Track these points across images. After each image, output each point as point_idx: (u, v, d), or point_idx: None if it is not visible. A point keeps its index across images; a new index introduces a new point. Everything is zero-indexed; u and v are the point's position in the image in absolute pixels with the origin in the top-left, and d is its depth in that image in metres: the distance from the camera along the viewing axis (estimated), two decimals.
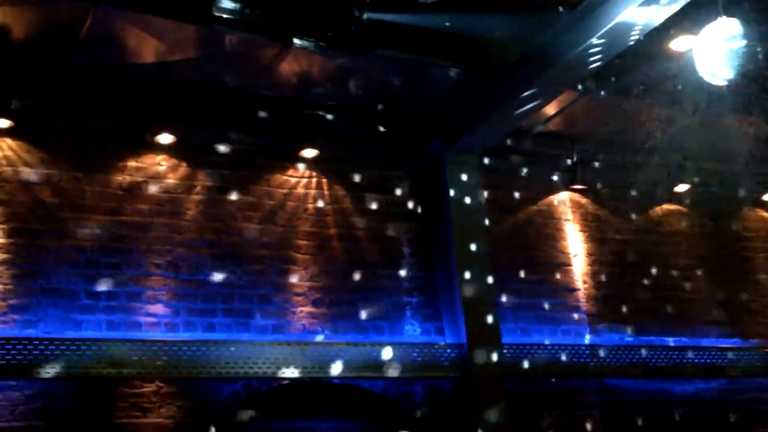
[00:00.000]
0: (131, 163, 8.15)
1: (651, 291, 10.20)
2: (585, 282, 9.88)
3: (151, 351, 7.36)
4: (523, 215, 9.87)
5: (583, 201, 10.25)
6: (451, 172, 8.97)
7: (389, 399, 8.48)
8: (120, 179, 8.08)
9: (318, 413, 8.16)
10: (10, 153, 7.72)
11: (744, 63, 6.18)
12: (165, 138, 8.26)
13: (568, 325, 9.57)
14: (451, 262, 8.74)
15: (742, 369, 9.92)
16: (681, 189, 10.73)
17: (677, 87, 8.17)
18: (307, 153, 8.88)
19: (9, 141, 7.76)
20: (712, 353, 9.85)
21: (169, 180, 8.27)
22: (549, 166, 9.98)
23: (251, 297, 8.18)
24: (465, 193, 8.94)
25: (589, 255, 10.04)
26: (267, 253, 8.43)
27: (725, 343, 10.13)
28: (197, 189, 8.36)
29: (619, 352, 9.35)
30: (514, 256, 9.54)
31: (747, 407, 10.14)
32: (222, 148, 8.47)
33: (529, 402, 8.95)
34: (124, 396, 7.49)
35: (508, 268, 9.38)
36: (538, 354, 8.92)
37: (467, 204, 8.94)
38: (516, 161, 9.79)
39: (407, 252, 9.06)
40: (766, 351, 10.19)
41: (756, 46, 6.31)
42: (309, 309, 8.42)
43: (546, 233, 9.90)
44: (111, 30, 7.17)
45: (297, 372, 7.84)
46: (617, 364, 9.30)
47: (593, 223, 10.21)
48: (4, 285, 7.37)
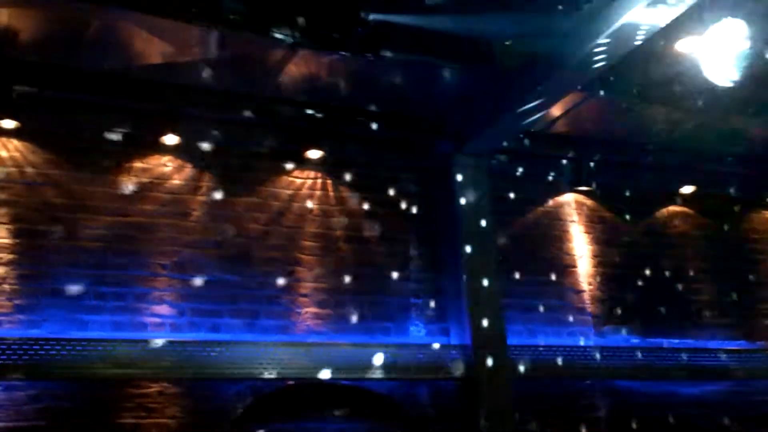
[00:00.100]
0: (137, 164, 8.17)
1: (657, 293, 10.16)
2: (590, 284, 9.86)
3: (157, 352, 7.37)
4: (529, 217, 9.86)
5: (589, 203, 10.24)
6: (458, 173, 8.95)
7: (395, 400, 8.47)
8: (126, 180, 8.09)
9: (323, 414, 8.15)
10: (16, 154, 7.74)
11: (749, 64, 6.18)
12: (170, 139, 8.27)
13: (573, 327, 9.54)
14: (457, 263, 8.73)
15: (748, 371, 9.88)
16: (687, 191, 10.70)
17: (683, 88, 8.18)
18: (313, 154, 8.87)
19: (15, 142, 7.78)
20: (718, 355, 9.82)
21: (175, 181, 8.28)
22: (554, 167, 9.95)
23: (256, 298, 8.18)
24: (471, 195, 8.91)
25: (595, 257, 10.02)
26: (272, 254, 8.43)
27: (731, 345, 10.08)
28: (202, 190, 8.37)
29: (625, 353, 9.33)
30: (519, 257, 9.52)
31: (753, 409, 10.09)
32: (227, 149, 8.47)
33: (535, 404, 8.92)
34: (129, 396, 7.50)
35: (513, 269, 9.35)
36: (543, 356, 8.90)
37: (473, 206, 8.91)
38: (522, 163, 9.76)
39: (413, 253, 9.05)
40: None
41: (763, 47, 6.32)
42: (314, 310, 8.42)
43: (551, 235, 9.89)
44: (117, 31, 7.18)
45: (302, 373, 7.84)
46: (623, 366, 9.27)
47: (599, 225, 10.19)
48: (10, 285, 7.39)
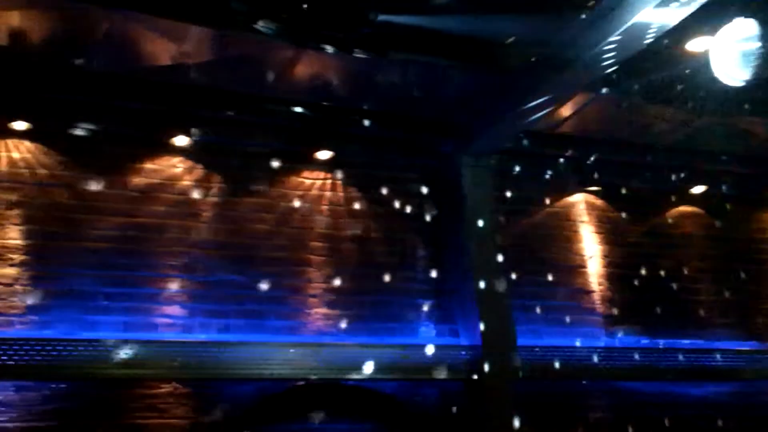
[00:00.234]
0: (148, 165, 8.20)
1: (666, 293, 10.13)
2: (600, 284, 9.85)
3: (167, 352, 7.38)
4: (538, 217, 9.86)
5: (598, 203, 10.23)
6: (466, 174, 8.95)
7: (403, 401, 8.48)
8: (136, 181, 8.12)
9: (331, 415, 8.16)
10: (27, 155, 7.78)
11: (761, 64, 6.17)
12: (181, 140, 8.31)
13: (582, 328, 9.53)
14: (465, 264, 8.73)
15: (757, 372, 9.85)
16: (696, 191, 10.69)
17: (693, 88, 8.16)
18: (322, 155, 8.91)
19: (27, 143, 7.81)
20: (727, 356, 9.77)
21: (185, 182, 8.32)
22: (563, 167, 9.92)
23: (266, 299, 8.19)
24: (479, 195, 8.92)
25: (604, 257, 10.01)
26: (282, 255, 8.45)
27: (740, 346, 10.05)
28: (213, 191, 8.40)
29: (635, 354, 9.30)
30: (528, 258, 9.52)
31: (762, 410, 10.07)
32: (237, 150, 8.50)
33: (544, 404, 8.93)
34: (139, 397, 7.52)
35: (522, 270, 9.32)
36: (552, 356, 8.86)
37: (482, 206, 8.91)
38: (530, 163, 9.73)
39: (422, 254, 9.06)
40: None
41: None
42: (323, 310, 8.43)
43: (561, 235, 9.88)
44: (127, 33, 7.21)
45: (311, 374, 7.86)
46: (632, 366, 9.23)
47: (608, 225, 10.18)
48: (21, 286, 7.43)
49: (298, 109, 8.47)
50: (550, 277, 9.55)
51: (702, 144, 9.86)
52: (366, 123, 8.73)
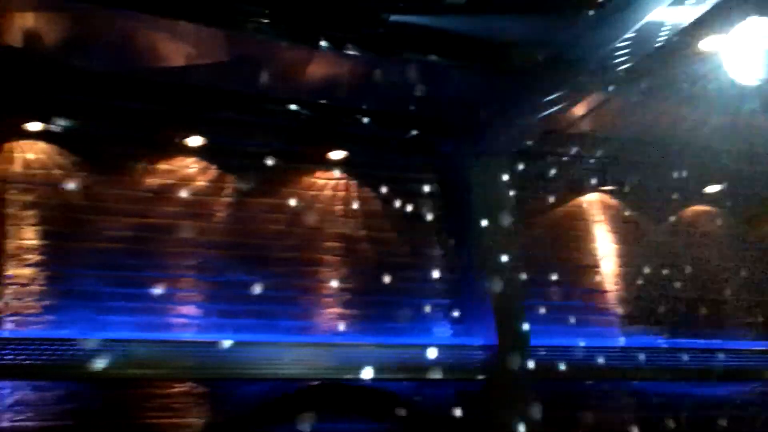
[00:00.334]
0: (161, 166, 8.25)
1: (683, 293, 10.07)
2: (616, 284, 9.82)
3: (180, 352, 7.43)
4: (553, 217, 9.83)
5: (613, 202, 10.19)
6: (479, 174, 8.94)
7: (418, 401, 8.48)
8: (150, 182, 8.17)
9: (346, 415, 8.17)
10: (42, 156, 7.84)
11: None
12: (194, 141, 8.35)
13: (599, 328, 9.51)
14: (479, 264, 8.74)
15: None
16: (712, 190, 10.63)
17: (707, 87, 8.11)
18: (335, 155, 8.93)
19: (42, 144, 7.87)
20: (746, 356, 9.73)
21: (199, 182, 8.36)
22: (578, 167, 9.92)
23: (280, 299, 8.22)
24: (492, 195, 8.90)
25: (620, 257, 9.97)
26: (295, 255, 8.47)
27: (759, 346, 9.99)
28: (226, 191, 8.43)
29: (652, 354, 9.26)
30: (544, 257, 9.49)
31: None
32: (250, 150, 8.52)
33: (560, 405, 8.87)
34: (154, 397, 7.57)
35: (537, 269, 9.30)
36: (568, 356, 8.84)
37: (495, 206, 8.89)
38: (544, 162, 9.70)
39: (435, 254, 9.06)
40: None
41: None
42: (337, 311, 8.45)
43: (576, 235, 9.86)
44: (139, 35, 7.26)
45: (323, 373, 7.88)
46: (649, 367, 9.19)
47: (623, 225, 10.14)
48: (38, 286, 7.49)
49: (308, 110, 8.50)
50: (565, 277, 9.52)
51: (718, 142, 9.79)
52: (378, 123, 8.75)
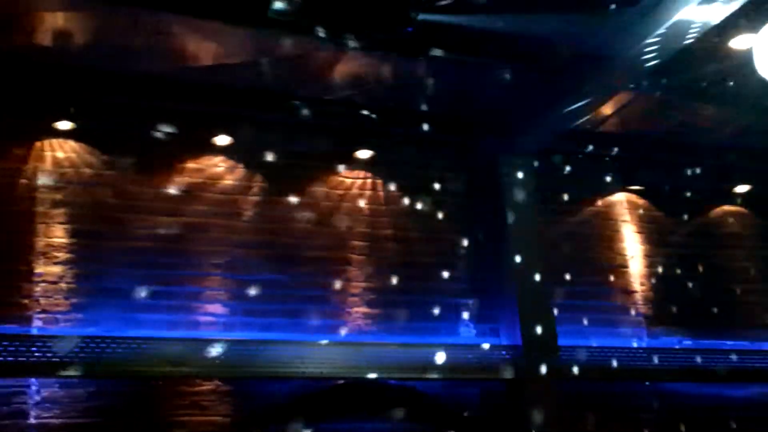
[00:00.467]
0: (189, 165, 8.27)
1: (709, 293, 10.01)
2: (642, 284, 9.77)
3: (209, 350, 7.44)
4: (579, 216, 9.79)
5: (640, 202, 10.15)
6: (506, 173, 8.91)
7: (443, 401, 8.47)
8: (179, 181, 8.20)
9: (371, 414, 8.17)
10: (72, 155, 7.89)
11: None
12: (223, 140, 8.38)
13: (624, 328, 9.46)
14: (506, 263, 8.70)
15: None
16: (740, 190, 10.57)
17: (736, 85, 8.08)
18: (362, 154, 8.93)
19: (71, 143, 7.92)
20: None
21: (227, 181, 8.38)
22: (605, 166, 9.87)
23: (307, 298, 8.23)
24: (520, 195, 8.86)
25: (647, 257, 9.93)
26: (322, 254, 8.47)
27: None
28: (254, 190, 8.46)
29: (677, 355, 9.22)
30: (570, 257, 9.45)
31: None
32: (278, 149, 8.52)
33: (585, 405, 8.86)
34: (183, 394, 7.60)
35: (563, 269, 9.26)
36: (594, 357, 8.81)
37: (522, 205, 8.86)
38: (572, 162, 9.68)
39: (462, 253, 9.03)
40: None
41: None
42: (364, 310, 8.45)
43: (602, 234, 9.81)
44: (169, 35, 7.29)
45: (351, 373, 7.89)
46: (675, 368, 9.14)
47: (650, 225, 10.09)
48: (67, 284, 7.53)
49: (340, 109, 8.51)
50: (591, 277, 9.50)
51: (746, 142, 9.74)
52: (407, 123, 8.75)
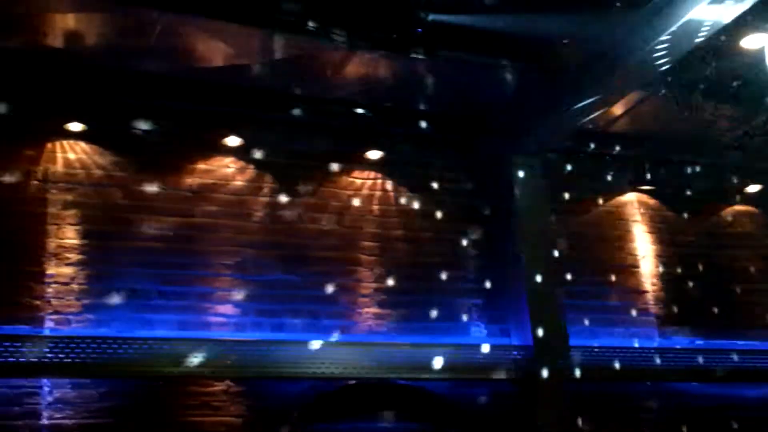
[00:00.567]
0: (200, 166, 8.30)
1: (721, 293, 10.00)
2: (653, 284, 9.76)
3: (220, 350, 7.46)
4: (590, 216, 9.79)
5: (651, 202, 10.14)
6: (516, 173, 8.90)
7: (454, 401, 8.47)
8: (189, 181, 8.22)
9: (382, 414, 8.18)
10: (83, 156, 7.91)
11: None
12: (233, 141, 8.40)
13: (636, 328, 9.45)
14: (517, 263, 8.69)
15: None
16: (752, 190, 10.53)
17: (747, 85, 8.05)
18: (372, 155, 8.94)
19: (82, 144, 7.95)
20: None
21: (237, 182, 8.40)
22: (616, 166, 9.86)
23: (318, 298, 8.24)
24: (530, 195, 8.87)
25: (658, 257, 9.91)
26: (333, 255, 8.50)
27: None
28: (264, 191, 8.47)
29: (689, 355, 9.19)
30: (580, 257, 9.45)
31: None
32: (287, 150, 8.55)
33: (595, 406, 8.85)
34: (195, 394, 7.62)
35: (574, 269, 9.26)
36: (605, 357, 8.80)
37: (533, 205, 8.87)
38: (582, 162, 9.67)
39: (472, 253, 9.04)
40: None
41: None
42: (374, 310, 8.46)
43: (613, 234, 9.81)
44: (179, 36, 7.31)
45: (362, 373, 7.89)
46: (686, 367, 9.13)
47: (661, 225, 10.08)
48: (79, 285, 7.56)
49: (350, 110, 8.52)
50: (602, 277, 9.50)
51: (758, 141, 9.69)
52: (416, 123, 8.76)
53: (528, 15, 7.22)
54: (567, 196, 9.56)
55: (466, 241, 9.06)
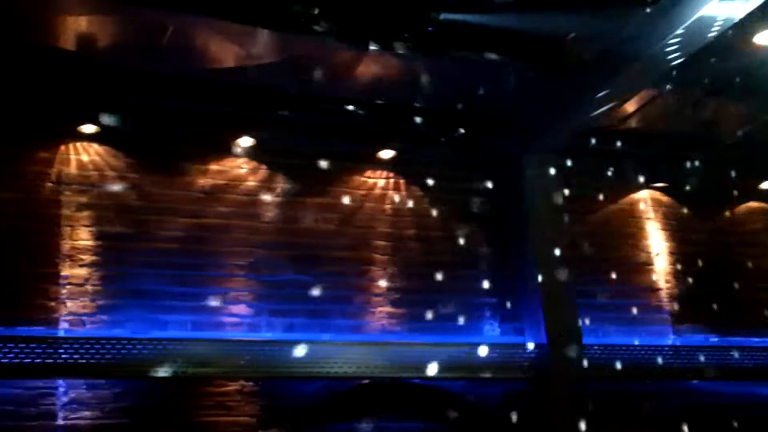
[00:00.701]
0: (213, 167, 8.32)
1: (736, 290, 9.94)
2: (667, 281, 9.73)
3: (234, 351, 7.48)
4: (603, 214, 9.75)
5: (665, 199, 10.10)
6: (529, 172, 8.89)
7: (468, 400, 8.47)
8: (202, 182, 8.24)
9: (396, 414, 8.18)
10: (96, 158, 7.94)
11: None
12: (245, 141, 8.41)
13: (650, 326, 9.42)
14: (531, 262, 8.69)
15: None
16: (766, 186, 10.48)
17: (761, 81, 8.01)
18: (385, 154, 8.94)
19: (95, 146, 7.97)
20: None
21: (249, 182, 8.42)
22: (629, 164, 9.82)
23: (331, 298, 8.25)
24: (543, 193, 8.85)
25: (672, 254, 9.88)
26: (346, 254, 8.50)
27: None
28: (277, 191, 8.49)
29: (704, 353, 9.15)
30: (594, 255, 9.40)
31: None
32: (300, 150, 8.56)
33: (610, 404, 8.81)
34: (208, 395, 7.64)
35: (588, 267, 9.24)
36: (619, 355, 8.77)
37: (545, 204, 8.85)
38: (595, 160, 9.64)
39: (485, 252, 9.03)
40: None
41: None
42: (388, 309, 8.47)
43: (627, 232, 9.78)
44: (191, 37, 7.32)
45: (376, 372, 7.89)
46: (701, 365, 9.08)
47: (675, 222, 10.04)
48: (92, 286, 7.59)
49: (359, 109, 8.52)
50: (615, 275, 9.45)
51: None
52: (428, 122, 8.74)
53: (540, 13, 7.21)
54: (580, 194, 9.53)
55: (479, 240, 9.06)
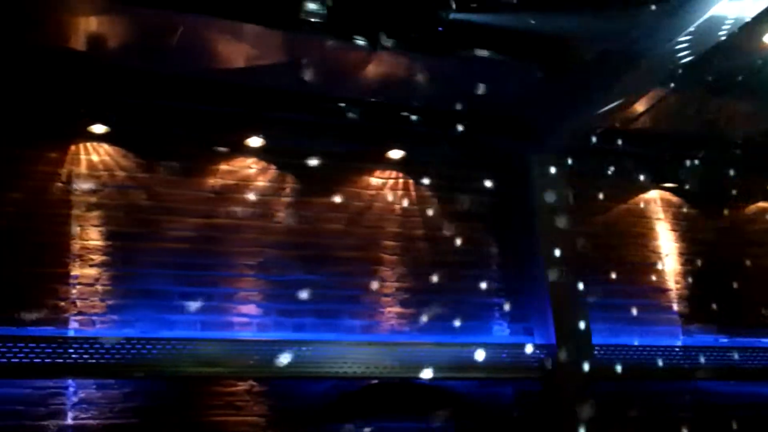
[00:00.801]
0: (222, 167, 8.33)
1: (745, 291, 9.91)
2: (677, 282, 9.71)
3: (243, 350, 7.49)
4: (613, 214, 9.74)
5: (674, 199, 10.09)
6: (537, 172, 8.90)
7: (477, 399, 8.46)
8: (212, 183, 8.26)
9: (405, 413, 8.18)
10: (107, 158, 7.96)
11: None
12: (255, 141, 8.42)
13: (659, 327, 9.41)
14: (540, 262, 8.68)
15: None
16: None
17: None
18: (394, 155, 8.94)
19: (106, 146, 8.00)
20: None
21: (259, 183, 8.43)
22: (638, 164, 9.81)
23: (340, 298, 8.27)
24: (552, 193, 8.84)
25: (681, 254, 9.86)
26: (355, 254, 8.52)
27: None
28: (286, 191, 8.49)
29: (713, 353, 9.13)
30: (603, 256, 9.41)
31: None
32: (309, 150, 8.55)
33: (619, 404, 8.81)
34: (218, 394, 7.66)
35: (597, 268, 9.24)
36: (628, 356, 8.78)
37: (554, 204, 8.84)
38: (604, 160, 9.61)
39: (494, 252, 9.04)
40: None
41: None
42: (397, 309, 8.47)
43: (636, 233, 9.77)
44: (201, 37, 7.33)
45: (385, 372, 7.89)
46: (711, 366, 9.06)
47: (685, 222, 10.03)
48: (103, 286, 7.61)
49: (371, 110, 8.52)
50: (625, 275, 9.44)
51: None
52: (436, 122, 8.74)
53: (549, 13, 7.20)
54: (589, 194, 9.51)
55: (487, 241, 9.06)
